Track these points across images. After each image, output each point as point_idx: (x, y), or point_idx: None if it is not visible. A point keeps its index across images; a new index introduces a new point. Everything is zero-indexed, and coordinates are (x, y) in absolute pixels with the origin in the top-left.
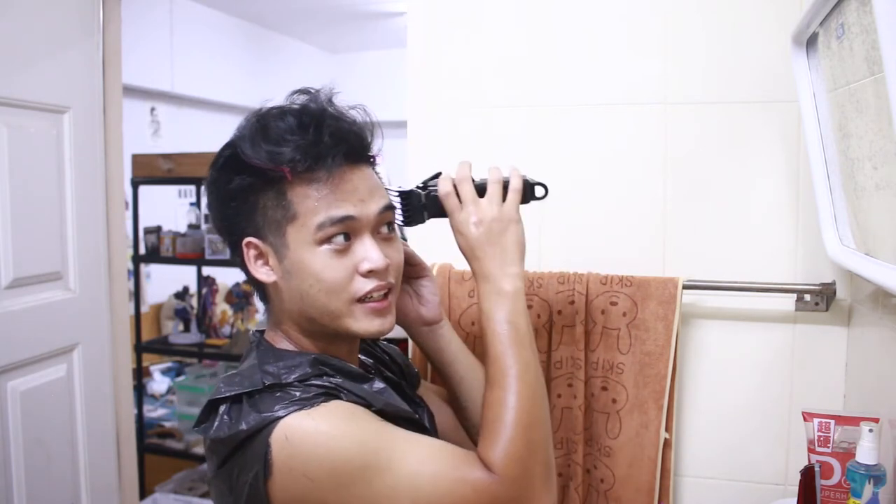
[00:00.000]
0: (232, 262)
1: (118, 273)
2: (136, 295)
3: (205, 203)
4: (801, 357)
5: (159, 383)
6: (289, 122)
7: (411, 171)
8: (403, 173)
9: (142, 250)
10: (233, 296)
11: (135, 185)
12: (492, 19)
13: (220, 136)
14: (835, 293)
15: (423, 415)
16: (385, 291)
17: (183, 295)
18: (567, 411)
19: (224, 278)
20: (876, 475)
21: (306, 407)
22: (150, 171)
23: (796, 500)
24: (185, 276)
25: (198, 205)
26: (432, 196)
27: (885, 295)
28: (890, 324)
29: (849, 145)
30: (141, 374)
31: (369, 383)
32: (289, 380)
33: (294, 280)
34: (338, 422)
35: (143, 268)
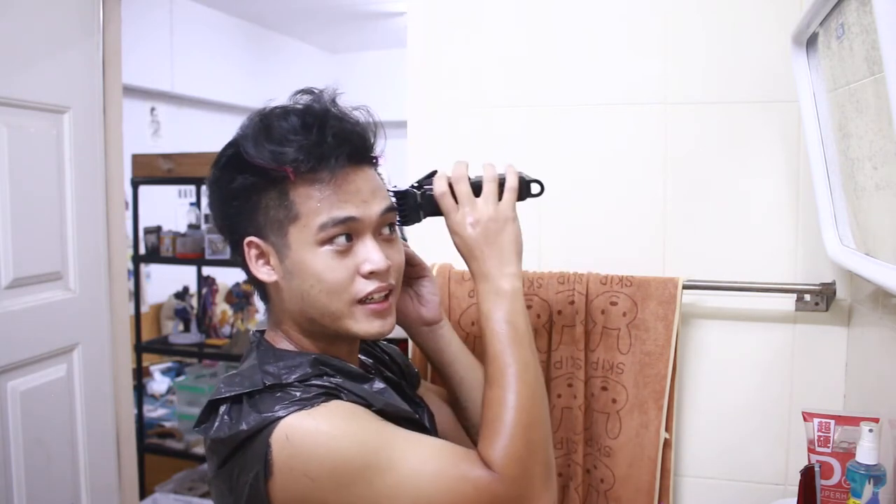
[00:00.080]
0: (232, 262)
1: (118, 273)
2: (136, 295)
3: (205, 203)
4: (801, 357)
5: (159, 383)
6: (292, 122)
7: (411, 171)
8: (403, 173)
9: (142, 250)
10: (233, 296)
11: (135, 185)
12: (492, 19)
13: (220, 136)
14: (835, 293)
15: (423, 415)
16: (386, 293)
17: (183, 295)
18: (567, 411)
19: (224, 278)
20: (876, 475)
21: (307, 407)
22: (150, 171)
23: (796, 500)
24: (185, 276)
25: (198, 205)
26: (428, 195)
27: (885, 295)
28: (890, 324)
29: (849, 145)
30: (141, 374)
31: (369, 383)
32: (289, 380)
33: (295, 280)
34: (338, 421)
35: (143, 268)
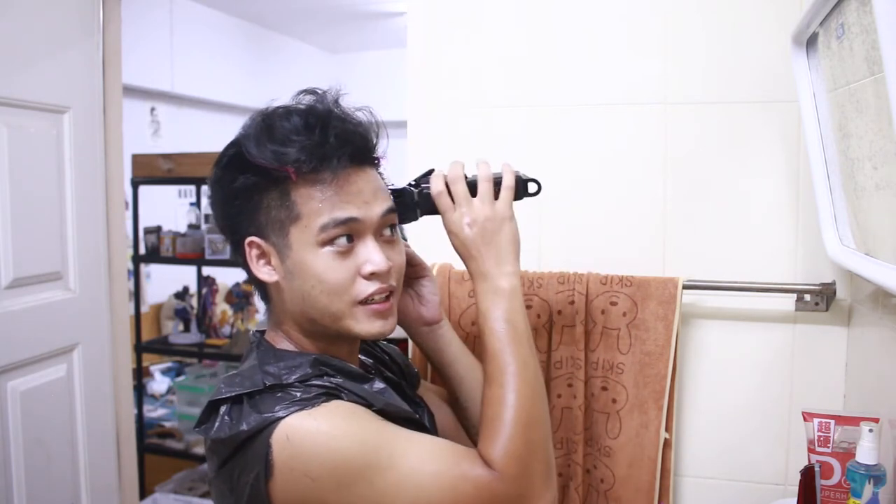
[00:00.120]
0: (233, 262)
1: (118, 273)
2: (136, 295)
3: (205, 203)
4: (801, 357)
5: (159, 383)
6: (294, 122)
7: (411, 171)
8: (403, 173)
9: (142, 250)
10: (233, 296)
11: (135, 185)
12: (492, 19)
13: (220, 136)
14: (835, 293)
15: (423, 415)
16: (387, 294)
17: (183, 295)
18: (567, 411)
19: (224, 278)
20: (876, 475)
21: (307, 407)
22: (150, 171)
23: (796, 500)
24: (185, 276)
25: (198, 205)
26: (425, 194)
27: (885, 295)
28: (890, 324)
29: (849, 145)
30: (141, 374)
31: (370, 383)
32: (289, 380)
33: (296, 280)
34: (339, 421)
35: (143, 268)
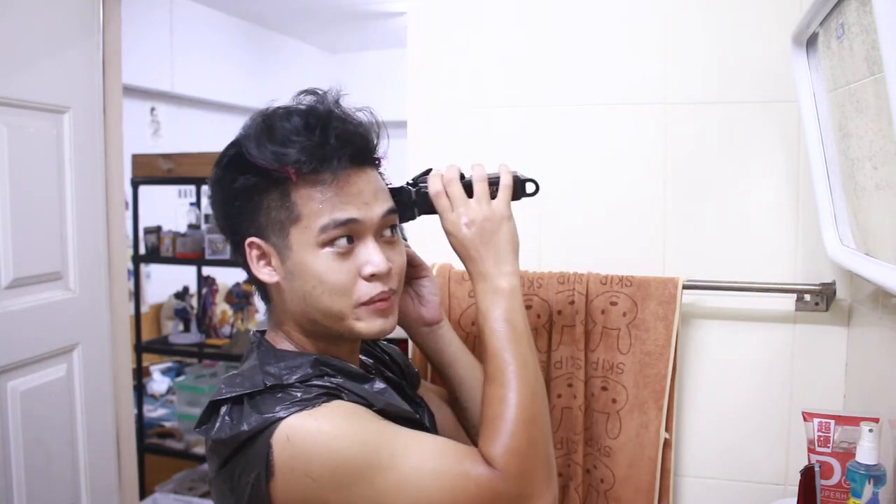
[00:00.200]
0: (233, 262)
1: (118, 273)
2: (136, 295)
3: (205, 203)
4: (801, 357)
5: (159, 383)
6: (295, 122)
7: (411, 171)
8: (403, 173)
9: (142, 250)
10: (233, 296)
11: (135, 185)
12: (492, 19)
13: (220, 136)
14: (835, 293)
15: (423, 415)
16: (387, 296)
17: (183, 295)
18: (567, 411)
19: (224, 278)
20: (876, 475)
21: (308, 407)
22: (150, 171)
23: (796, 500)
24: (185, 276)
25: (198, 205)
26: (423, 193)
27: (885, 295)
28: (890, 324)
29: (849, 145)
30: (141, 374)
31: (370, 383)
32: (290, 380)
33: (296, 281)
34: (339, 421)
35: (143, 268)
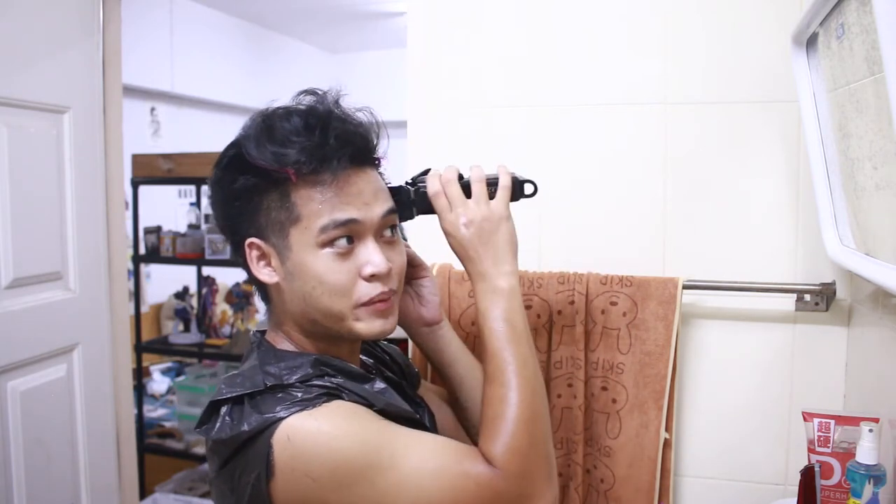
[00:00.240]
0: (233, 262)
1: (118, 273)
2: (136, 295)
3: (205, 203)
4: (801, 357)
5: (159, 383)
6: (295, 123)
7: (411, 171)
8: (403, 173)
9: (142, 250)
10: (233, 296)
11: (135, 185)
12: (492, 19)
13: (220, 136)
14: (835, 293)
15: (423, 415)
16: (387, 297)
17: (183, 295)
18: (567, 411)
19: (224, 278)
20: (876, 475)
21: (308, 407)
22: (150, 171)
23: (796, 500)
24: (185, 276)
25: (198, 205)
26: (421, 192)
27: (885, 295)
28: (890, 324)
29: (849, 145)
30: (141, 374)
31: (370, 383)
32: (290, 380)
33: (296, 282)
34: (340, 421)
35: (143, 268)
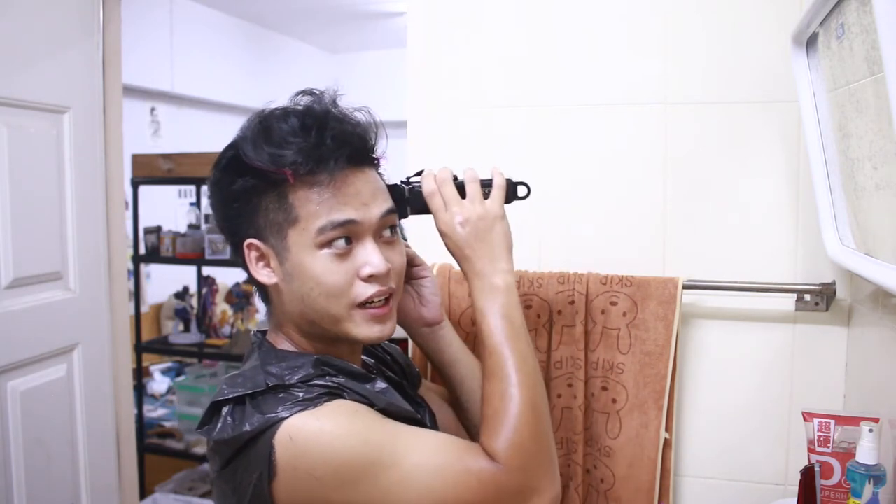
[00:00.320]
0: (233, 262)
1: (118, 273)
2: (136, 295)
3: (205, 203)
4: (801, 357)
5: (159, 383)
6: (291, 123)
7: (411, 171)
8: (403, 174)
9: (142, 250)
10: (233, 296)
11: (135, 185)
12: (492, 19)
13: (220, 136)
14: (835, 293)
15: (424, 415)
16: (386, 297)
17: (183, 295)
18: (567, 411)
19: (224, 278)
20: (876, 475)
21: (310, 407)
22: (150, 171)
23: (796, 500)
24: (185, 276)
25: (198, 205)
26: (416, 191)
27: (885, 295)
28: (890, 324)
29: (849, 145)
30: (141, 374)
31: (372, 383)
32: (292, 381)
33: (295, 283)
34: (342, 420)
35: (143, 268)
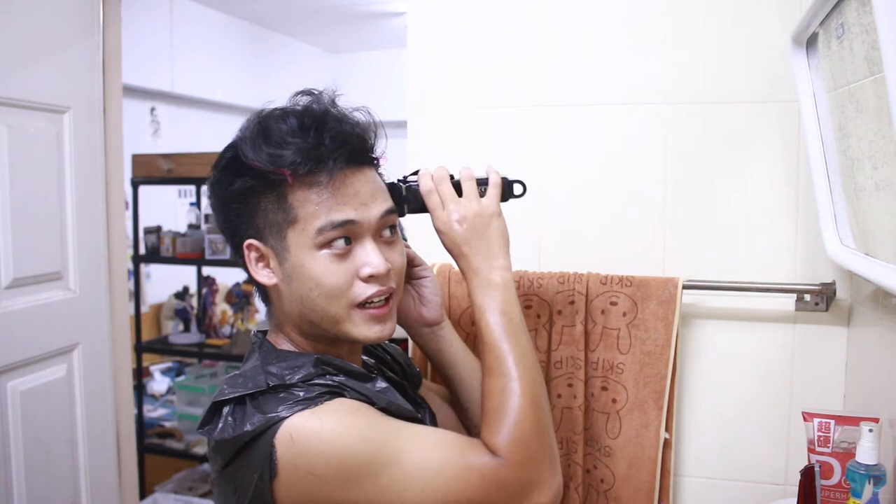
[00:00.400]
0: (233, 262)
1: (118, 273)
2: (136, 295)
3: (205, 203)
4: (801, 357)
5: (159, 383)
6: (290, 123)
7: (411, 171)
8: (403, 173)
9: (142, 250)
10: (233, 296)
11: (135, 185)
12: (492, 19)
13: (220, 136)
14: (835, 293)
15: (425, 415)
16: (386, 297)
17: (183, 295)
18: (567, 411)
19: (224, 278)
20: (876, 475)
21: (310, 406)
22: (150, 171)
23: (796, 500)
24: (185, 276)
25: (198, 205)
26: (413, 189)
27: (885, 295)
28: (890, 324)
29: (849, 145)
30: (141, 374)
31: (372, 383)
32: (292, 380)
33: (294, 283)
34: (343, 418)
35: (143, 268)
